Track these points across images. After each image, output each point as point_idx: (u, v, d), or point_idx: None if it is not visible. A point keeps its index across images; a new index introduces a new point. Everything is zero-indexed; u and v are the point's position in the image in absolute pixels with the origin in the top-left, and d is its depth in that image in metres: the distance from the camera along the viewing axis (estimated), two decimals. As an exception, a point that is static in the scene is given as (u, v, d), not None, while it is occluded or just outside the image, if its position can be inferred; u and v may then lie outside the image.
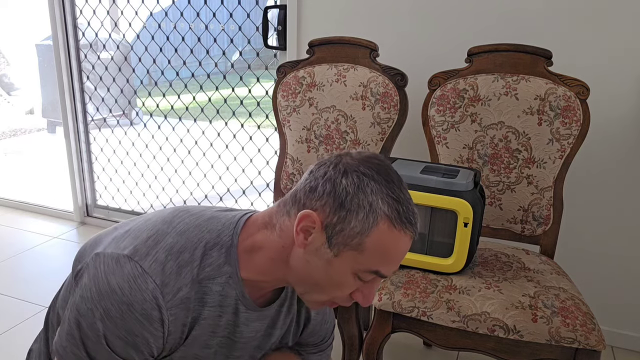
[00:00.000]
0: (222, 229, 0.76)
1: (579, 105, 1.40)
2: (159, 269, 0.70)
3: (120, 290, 0.68)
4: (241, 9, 2.18)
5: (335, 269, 0.71)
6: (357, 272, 0.71)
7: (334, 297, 0.75)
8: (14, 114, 5.88)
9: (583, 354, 1.14)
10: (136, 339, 0.69)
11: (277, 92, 1.75)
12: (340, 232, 0.69)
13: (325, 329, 0.99)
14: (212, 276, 0.74)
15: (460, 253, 1.25)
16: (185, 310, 0.72)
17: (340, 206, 0.69)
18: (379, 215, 0.69)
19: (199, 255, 0.73)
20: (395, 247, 0.70)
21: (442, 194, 1.23)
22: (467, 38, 1.67)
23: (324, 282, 0.73)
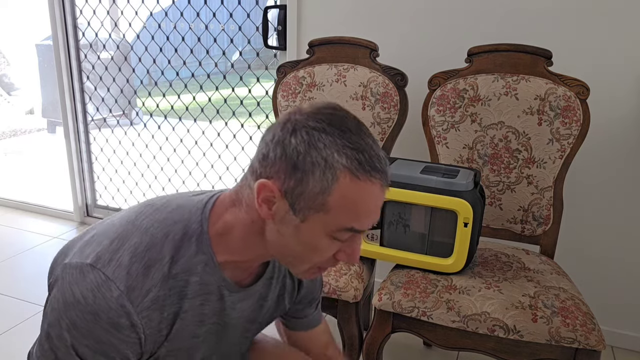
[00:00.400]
0: (189, 217, 0.72)
1: (579, 105, 1.40)
2: (124, 274, 0.66)
3: (85, 300, 0.65)
4: (241, 9, 2.18)
5: (307, 234, 0.67)
6: (330, 233, 0.67)
7: (317, 263, 0.71)
8: (14, 114, 5.88)
9: (583, 354, 1.14)
10: (105, 346, 0.66)
11: (277, 92, 1.75)
12: (301, 196, 0.64)
13: (318, 284, 0.97)
14: (186, 269, 0.70)
15: (460, 253, 1.25)
16: (159, 310, 0.69)
17: (294, 168, 0.64)
18: (337, 169, 0.63)
19: (168, 251, 0.69)
20: (364, 198, 0.65)
21: (442, 194, 1.23)
22: (467, 38, 1.67)
23: (300, 250, 0.69)
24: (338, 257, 0.71)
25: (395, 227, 1.31)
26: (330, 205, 0.64)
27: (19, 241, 2.60)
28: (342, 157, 0.63)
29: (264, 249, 0.72)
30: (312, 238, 0.67)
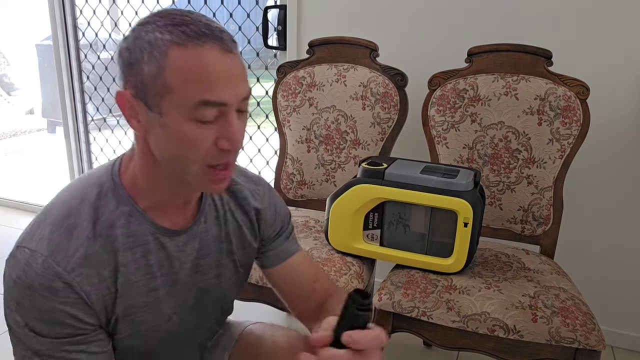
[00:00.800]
0: (100, 178, 0.73)
1: (579, 105, 1.40)
2: (45, 244, 0.68)
3: (19, 278, 0.67)
4: (241, 9, 2.18)
5: (172, 127, 0.65)
6: (189, 116, 0.64)
7: (205, 161, 0.67)
8: (14, 114, 5.88)
9: (583, 354, 1.14)
10: (51, 314, 0.67)
11: (277, 92, 1.75)
12: (145, 88, 0.64)
13: (282, 214, 0.95)
14: (109, 224, 0.71)
15: (460, 253, 1.25)
16: (94, 267, 0.69)
17: (129, 65, 0.65)
18: (163, 46, 0.62)
19: (87, 213, 0.70)
20: (200, 65, 0.62)
21: (442, 194, 1.23)
22: (467, 38, 1.67)
23: (178, 149, 0.66)
24: (219, 145, 0.67)
25: (395, 227, 1.31)
26: (170, 82, 0.63)
27: (19, 241, 2.60)
28: (166, 34, 0.63)
29: (166, 175, 0.71)
30: (178, 129, 0.64)
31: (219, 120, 0.66)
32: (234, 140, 0.66)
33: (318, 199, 1.74)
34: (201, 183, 0.70)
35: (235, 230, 0.87)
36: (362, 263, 1.40)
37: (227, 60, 0.64)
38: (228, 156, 0.68)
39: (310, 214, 1.69)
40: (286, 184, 1.77)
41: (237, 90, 0.65)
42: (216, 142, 0.66)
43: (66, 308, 0.67)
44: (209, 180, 0.70)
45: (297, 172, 1.74)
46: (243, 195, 0.87)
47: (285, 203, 1.80)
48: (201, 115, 0.64)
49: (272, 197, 0.93)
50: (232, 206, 0.87)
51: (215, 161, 0.68)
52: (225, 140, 0.66)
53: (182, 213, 0.79)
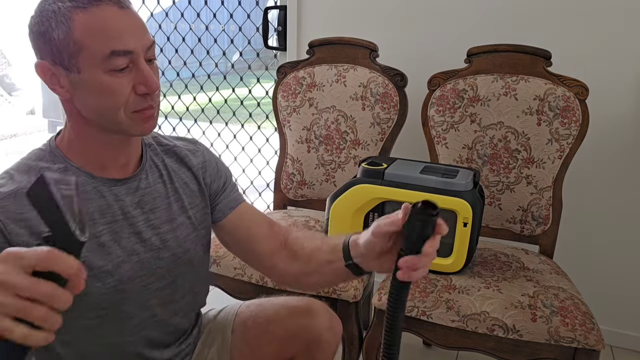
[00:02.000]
0: (40, 147, 0.81)
1: (578, 106, 1.41)
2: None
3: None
4: (241, 10, 2.19)
5: (93, 82, 0.73)
6: (103, 67, 0.73)
7: (128, 107, 0.76)
8: (14, 114, 5.88)
9: (582, 353, 1.14)
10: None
11: (277, 92, 1.75)
12: (59, 53, 0.72)
13: (223, 169, 1.01)
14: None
15: (459, 253, 1.26)
16: (19, 204, 0.73)
17: (40, 35, 0.73)
18: (66, 11, 0.71)
19: (23, 170, 0.77)
20: (103, 21, 0.72)
21: (442, 194, 1.23)
22: (466, 38, 1.67)
23: (102, 100, 0.75)
24: (137, 91, 0.76)
25: None
26: (80, 41, 0.71)
27: (19, 241, 2.60)
28: (67, 2, 0.72)
29: (98, 132, 0.79)
30: (98, 81, 0.73)
31: (131, 69, 0.75)
32: (149, 84, 0.76)
33: (318, 199, 1.74)
34: (132, 126, 0.78)
35: (183, 186, 0.93)
36: (362, 263, 1.40)
37: (125, 14, 0.74)
38: (147, 100, 0.77)
39: (310, 214, 1.69)
40: (286, 184, 1.77)
41: (140, 39, 0.75)
42: (134, 89, 0.76)
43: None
44: (139, 122, 0.78)
45: (297, 172, 1.74)
46: (183, 154, 0.94)
47: (286, 203, 1.81)
48: (113, 64, 0.73)
49: (211, 155, 1.00)
50: (174, 166, 0.93)
51: (138, 106, 0.77)
52: (141, 85, 0.76)
53: (124, 172, 0.85)
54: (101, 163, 0.82)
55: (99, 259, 0.80)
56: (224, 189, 0.99)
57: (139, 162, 0.87)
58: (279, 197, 1.80)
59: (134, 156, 0.86)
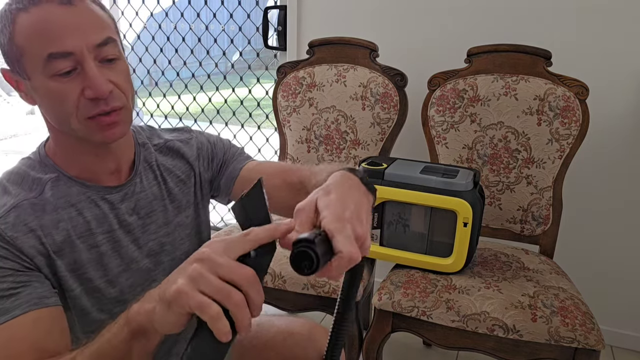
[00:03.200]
0: (29, 155, 0.79)
1: (578, 106, 1.41)
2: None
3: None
4: (241, 10, 2.19)
5: (40, 88, 0.69)
6: (45, 73, 0.67)
7: (79, 113, 0.70)
8: (14, 114, 5.88)
9: (582, 353, 1.14)
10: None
11: (277, 92, 1.75)
12: (8, 59, 0.70)
13: (218, 144, 0.96)
14: (39, 187, 0.74)
15: (459, 253, 1.26)
16: (20, 217, 0.70)
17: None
18: (9, 14, 0.67)
19: (15, 180, 0.74)
20: (39, 21, 0.66)
21: (442, 194, 1.23)
22: (467, 38, 1.67)
23: (53, 106, 0.71)
24: (86, 95, 0.69)
25: (395, 227, 1.32)
26: (20, 44, 0.67)
27: (19, 241, 2.59)
28: (13, 4, 0.67)
29: (79, 143, 0.75)
30: (44, 87, 0.68)
31: (79, 72, 0.68)
32: (95, 87, 0.68)
33: (318, 199, 1.74)
34: (90, 134, 0.72)
35: (179, 184, 0.89)
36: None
37: (66, 11, 0.67)
38: (100, 105, 0.70)
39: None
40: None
41: (83, 38, 0.67)
42: (83, 93, 0.69)
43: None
44: (96, 130, 0.72)
45: (297, 172, 1.74)
46: (177, 146, 0.91)
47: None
48: (55, 68, 0.67)
49: (203, 137, 0.96)
50: (170, 163, 0.89)
51: (90, 112, 0.70)
52: (89, 89, 0.68)
53: (117, 179, 0.81)
54: (91, 171, 0.78)
55: (99, 270, 0.78)
56: (225, 163, 0.95)
57: (132, 166, 0.84)
58: (279, 197, 1.80)
59: (124, 160, 0.82)
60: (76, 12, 0.68)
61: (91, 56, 0.68)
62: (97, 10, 0.71)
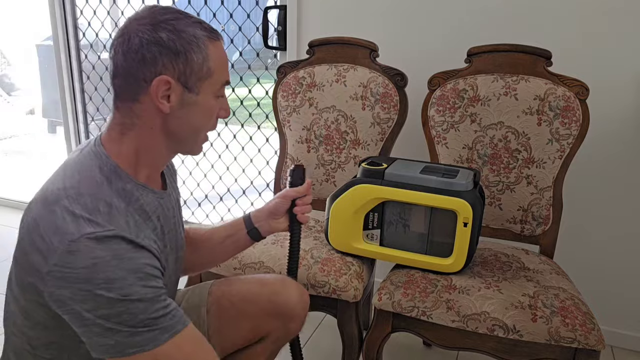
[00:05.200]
0: (92, 163, 0.80)
1: (578, 106, 1.41)
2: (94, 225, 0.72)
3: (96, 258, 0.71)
4: (241, 9, 2.19)
5: (204, 103, 0.83)
6: (215, 93, 0.84)
7: (209, 129, 0.88)
8: (14, 114, 5.87)
9: (582, 353, 1.14)
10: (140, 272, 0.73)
11: (277, 92, 1.75)
12: (192, 73, 0.80)
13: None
14: (129, 197, 0.81)
15: (460, 253, 1.26)
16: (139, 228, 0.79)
17: (176, 54, 0.78)
18: (203, 39, 0.80)
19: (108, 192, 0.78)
20: (223, 54, 0.84)
21: (442, 194, 1.23)
22: (467, 38, 1.67)
23: (201, 121, 0.85)
24: (220, 115, 0.88)
25: (395, 227, 1.32)
26: (212, 69, 0.82)
27: (19, 241, 2.60)
28: (200, 31, 0.81)
29: (167, 146, 0.85)
30: (207, 104, 0.84)
31: (222, 98, 0.87)
32: (228, 111, 0.89)
33: (318, 199, 1.74)
34: (196, 146, 0.89)
35: (176, 187, 1.05)
36: (362, 263, 1.40)
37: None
38: (215, 127, 0.90)
39: (310, 214, 1.69)
40: (286, 184, 1.77)
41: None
42: (218, 113, 0.87)
43: (146, 261, 0.75)
44: (202, 142, 0.89)
45: (297, 172, 1.74)
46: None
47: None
48: (221, 92, 0.86)
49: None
50: (172, 169, 1.05)
51: (213, 128, 0.89)
52: (224, 110, 0.88)
53: (158, 182, 0.92)
54: (154, 176, 0.88)
55: (167, 270, 0.89)
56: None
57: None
58: (279, 197, 1.80)
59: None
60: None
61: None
62: None
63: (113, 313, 0.71)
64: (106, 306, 0.70)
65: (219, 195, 2.63)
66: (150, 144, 0.83)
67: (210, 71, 0.81)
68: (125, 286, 0.71)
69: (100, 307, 0.70)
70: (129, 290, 0.71)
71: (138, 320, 0.72)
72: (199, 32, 0.80)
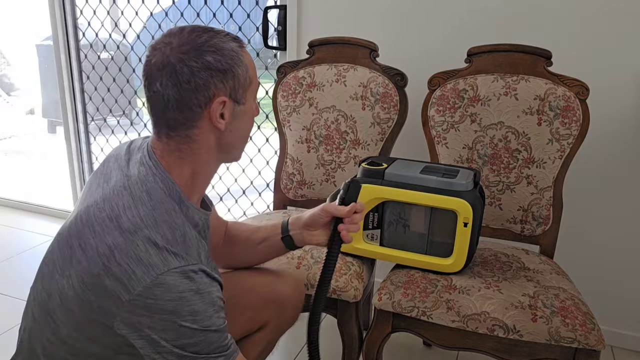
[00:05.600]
0: (162, 192, 0.80)
1: (578, 106, 1.41)
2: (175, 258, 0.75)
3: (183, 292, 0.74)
4: (241, 9, 2.19)
5: (249, 110, 0.87)
6: (254, 97, 0.88)
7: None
8: (14, 114, 5.87)
9: (583, 353, 1.14)
10: (216, 304, 0.77)
11: (277, 92, 1.75)
12: (239, 87, 0.82)
13: None
14: (195, 223, 0.85)
15: (460, 253, 1.26)
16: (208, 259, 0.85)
17: (224, 72, 0.80)
18: (239, 49, 0.82)
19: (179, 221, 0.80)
20: (251, 58, 0.86)
21: (442, 194, 1.23)
22: (467, 38, 1.67)
23: (249, 127, 0.89)
24: (254, 114, 0.90)
25: (395, 227, 1.31)
26: (251, 76, 0.85)
27: (19, 241, 2.60)
28: (232, 43, 0.82)
29: (218, 162, 0.88)
30: (251, 110, 0.88)
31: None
32: (258, 109, 0.92)
33: (318, 199, 1.74)
34: (240, 155, 0.92)
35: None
36: (362, 263, 1.40)
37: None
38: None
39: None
40: (286, 184, 1.77)
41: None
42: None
43: (218, 293, 0.79)
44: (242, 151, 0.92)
45: (297, 172, 1.74)
46: None
47: (286, 203, 1.81)
48: (257, 94, 0.90)
49: None
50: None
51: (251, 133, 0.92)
52: (257, 111, 0.92)
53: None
54: (202, 194, 0.90)
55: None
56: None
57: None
58: (279, 197, 1.80)
59: None
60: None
61: None
62: None
63: (192, 342, 0.74)
64: (187, 337, 0.74)
65: (219, 195, 2.63)
66: (206, 163, 0.85)
67: (251, 79, 0.84)
68: (206, 318, 0.75)
69: (181, 338, 0.73)
70: (209, 322, 0.75)
71: (212, 348, 0.77)
72: (234, 45, 0.81)
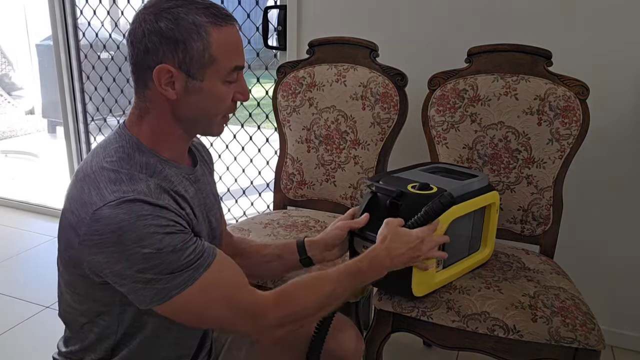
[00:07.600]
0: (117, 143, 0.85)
1: (578, 106, 1.41)
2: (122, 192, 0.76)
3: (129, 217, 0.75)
4: (241, 9, 2.18)
5: (211, 89, 0.83)
6: (224, 79, 0.83)
7: (224, 112, 0.88)
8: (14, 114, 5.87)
9: (583, 353, 1.14)
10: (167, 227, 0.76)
11: (277, 92, 1.75)
12: (192, 60, 0.80)
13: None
14: (152, 169, 0.84)
15: (490, 240, 1.31)
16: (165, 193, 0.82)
17: (175, 43, 0.79)
18: (205, 26, 0.79)
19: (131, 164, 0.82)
20: (232, 40, 0.83)
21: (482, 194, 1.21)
22: (467, 38, 1.67)
23: (211, 106, 0.85)
24: (235, 98, 0.88)
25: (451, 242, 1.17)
26: (214, 55, 0.81)
27: (19, 241, 2.60)
28: (202, 17, 0.79)
29: (182, 131, 0.88)
30: (214, 90, 0.84)
31: (236, 81, 0.86)
32: (246, 94, 0.89)
33: (318, 199, 1.74)
34: (215, 128, 0.90)
35: (211, 172, 1.08)
36: (362, 263, 1.40)
37: (239, 34, 0.86)
38: (236, 108, 0.91)
39: (310, 214, 1.69)
40: (286, 184, 1.77)
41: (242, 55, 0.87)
42: (233, 97, 0.87)
43: (170, 216, 0.78)
44: (221, 124, 0.91)
45: (297, 172, 1.74)
46: (202, 144, 1.09)
47: (286, 203, 1.81)
48: (231, 77, 0.84)
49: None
50: (207, 157, 1.07)
51: (231, 111, 0.90)
52: (240, 94, 0.88)
53: (187, 162, 0.95)
54: (178, 154, 0.90)
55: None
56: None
57: (189, 152, 0.97)
58: (279, 197, 1.80)
59: (187, 148, 0.96)
60: (240, 36, 0.87)
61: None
62: None
63: (149, 266, 0.75)
64: (142, 261, 0.74)
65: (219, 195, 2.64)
66: (165, 128, 0.86)
67: (213, 58, 0.81)
68: (156, 242, 0.74)
69: (136, 264, 0.74)
70: (160, 245, 0.75)
71: (175, 266, 0.77)
72: (202, 19, 0.79)
